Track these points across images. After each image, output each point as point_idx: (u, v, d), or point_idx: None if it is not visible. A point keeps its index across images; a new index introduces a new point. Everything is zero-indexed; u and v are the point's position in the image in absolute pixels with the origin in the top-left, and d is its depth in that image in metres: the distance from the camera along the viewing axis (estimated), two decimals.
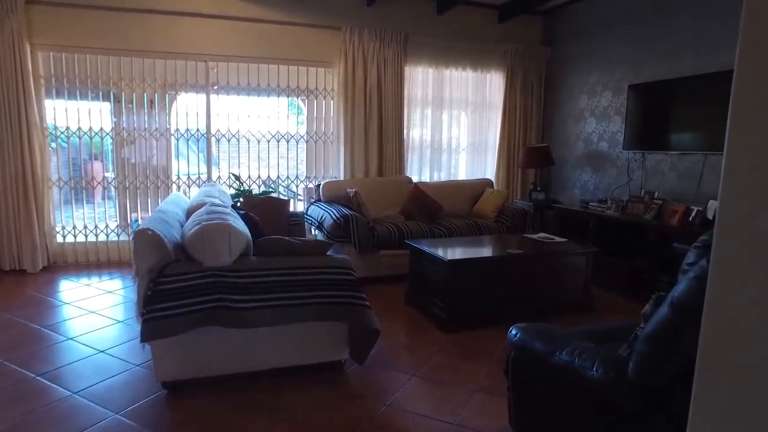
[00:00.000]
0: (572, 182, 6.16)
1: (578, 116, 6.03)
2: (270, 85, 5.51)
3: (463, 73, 6.17)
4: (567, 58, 6.15)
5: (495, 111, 6.41)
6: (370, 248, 4.73)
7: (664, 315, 1.54)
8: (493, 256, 3.96)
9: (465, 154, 6.45)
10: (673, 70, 4.85)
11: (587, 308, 4.23)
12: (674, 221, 4.32)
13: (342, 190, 5.21)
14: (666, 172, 4.99)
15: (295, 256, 2.75)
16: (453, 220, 5.30)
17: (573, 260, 4.14)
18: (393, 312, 4.14)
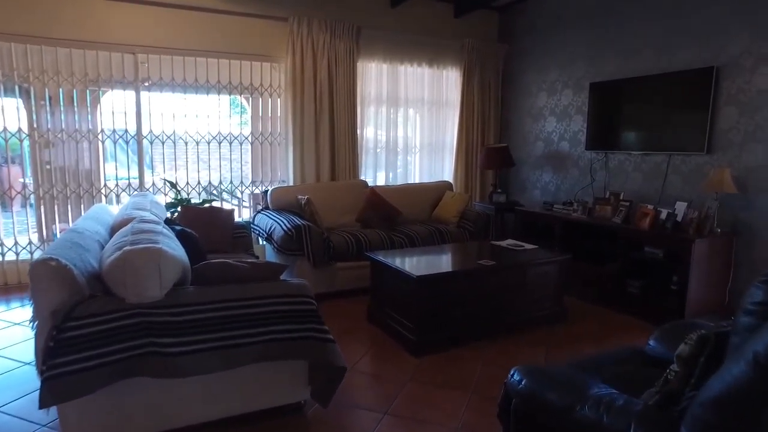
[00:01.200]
0: (532, 183, 5.94)
1: (538, 115, 5.80)
2: (209, 82, 4.94)
3: (419, 69, 5.81)
4: (525, 54, 5.92)
5: (452, 109, 6.11)
6: (325, 261, 4.28)
7: (741, 375, 1.20)
8: (464, 269, 3.60)
9: (421, 154, 6.11)
10: (635, 69, 4.68)
11: (560, 319, 3.96)
12: (645, 224, 4.13)
13: (292, 196, 4.72)
14: (630, 172, 4.83)
15: (243, 284, 2.27)
16: (413, 227, 4.93)
17: (546, 269, 3.86)
18: (355, 333, 3.71)
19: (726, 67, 4.06)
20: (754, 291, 1.36)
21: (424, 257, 3.95)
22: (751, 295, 1.37)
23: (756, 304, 1.34)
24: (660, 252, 4.01)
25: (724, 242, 3.96)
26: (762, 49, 3.85)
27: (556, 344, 3.54)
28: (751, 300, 1.35)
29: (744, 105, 3.97)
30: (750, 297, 1.36)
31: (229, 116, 5.33)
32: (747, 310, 1.36)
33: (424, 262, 3.82)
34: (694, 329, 2.31)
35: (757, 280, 1.37)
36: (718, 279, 4.00)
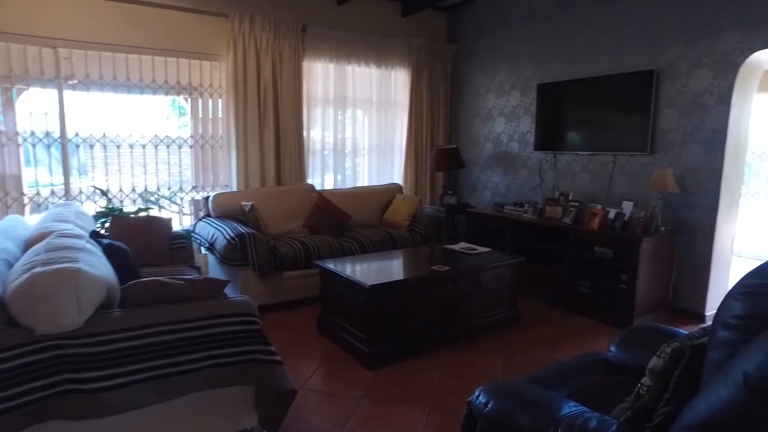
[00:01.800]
0: (482, 184, 5.90)
1: (487, 116, 5.77)
2: (143, 81, 4.56)
3: (367, 69, 5.65)
4: (473, 55, 5.88)
5: (401, 110, 5.98)
6: (272, 270, 4.03)
7: (730, 398, 1.10)
8: (419, 276, 3.46)
9: (370, 157, 5.95)
10: (581, 71, 4.71)
11: (515, 322, 3.90)
12: (594, 224, 4.14)
13: (236, 203, 4.44)
14: (578, 172, 4.85)
15: (179, 305, 2.03)
16: (364, 232, 4.76)
17: (500, 272, 3.78)
18: (305, 346, 3.50)
19: (665, 71, 4.13)
20: (732, 303, 1.27)
21: (375, 264, 3.78)
22: (729, 307, 1.28)
23: (736, 318, 1.25)
24: (609, 252, 4.03)
25: (667, 240, 4.03)
26: (695, 54, 3.94)
27: (512, 350, 3.46)
28: (731, 313, 1.26)
29: (682, 107, 4.05)
30: (728, 310, 1.27)
31: (166, 118, 4.97)
32: (726, 323, 1.27)
33: (376, 270, 3.65)
34: (653, 334, 2.27)
35: (735, 292, 1.28)
36: (662, 276, 4.06)
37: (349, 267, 3.61)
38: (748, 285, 1.26)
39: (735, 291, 1.28)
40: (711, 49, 3.87)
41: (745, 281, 1.27)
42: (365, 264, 3.76)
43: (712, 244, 3.95)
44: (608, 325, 3.92)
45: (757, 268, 1.29)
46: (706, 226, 3.97)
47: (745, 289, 1.26)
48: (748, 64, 3.76)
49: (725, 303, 1.30)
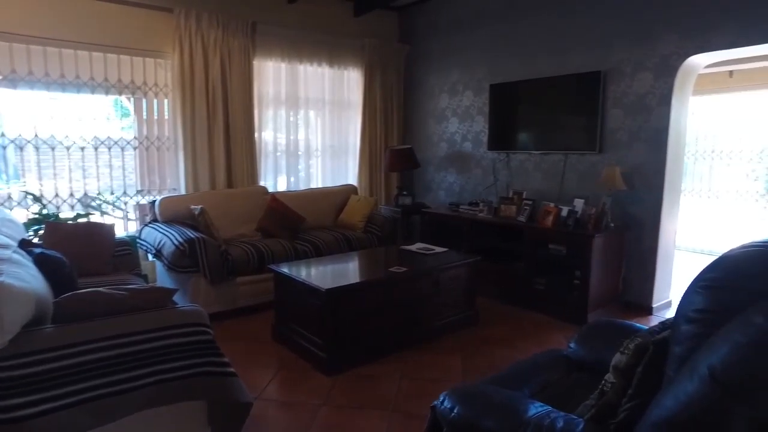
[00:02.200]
0: (437, 184, 5.90)
1: (440, 116, 5.77)
2: (80, 78, 4.26)
3: (319, 69, 5.53)
4: (426, 56, 5.87)
5: (354, 110, 5.90)
6: (224, 276, 3.86)
7: (696, 393, 1.08)
8: (376, 278, 3.39)
9: (324, 158, 5.83)
10: (532, 71, 4.77)
11: (473, 322, 3.89)
12: (548, 222, 4.19)
13: (184, 207, 4.23)
14: (531, 171, 4.92)
15: (120, 317, 1.87)
16: (319, 234, 4.65)
17: (457, 272, 3.76)
18: (260, 354, 3.35)
19: (611, 73, 4.23)
20: (693, 297, 1.26)
21: (331, 267, 3.68)
22: (690, 302, 1.27)
23: (697, 312, 1.24)
24: (563, 249, 4.09)
25: (617, 236, 4.12)
26: (638, 57, 4.06)
27: (472, 350, 3.44)
28: (692, 307, 1.25)
29: (627, 107, 4.17)
30: (690, 304, 1.26)
31: (107, 119, 4.69)
32: (688, 317, 1.25)
33: (332, 273, 3.55)
34: (612, 329, 2.29)
35: (696, 286, 1.27)
36: (613, 271, 4.16)
37: (304, 270, 3.49)
38: (707, 279, 1.25)
39: (695, 285, 1.27)
40: (652, 52, 3.99)
41: (705, 275, 1.26)
42: (321, 267, 3.65)
43: (658, 238, 4.08)
44: (564, 321, 3.97)
45: (715, 262, 1.28)
46: (652, 221, 4.09)
47: (705, 282, 1.25)
48: (685, 68, 3.90)
49: (686, 297, 1.29)
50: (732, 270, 1.24)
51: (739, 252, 1.27)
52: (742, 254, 1.28)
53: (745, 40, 3.54)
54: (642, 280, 4.19)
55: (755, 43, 3.51)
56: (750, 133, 6.44)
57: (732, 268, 1.26)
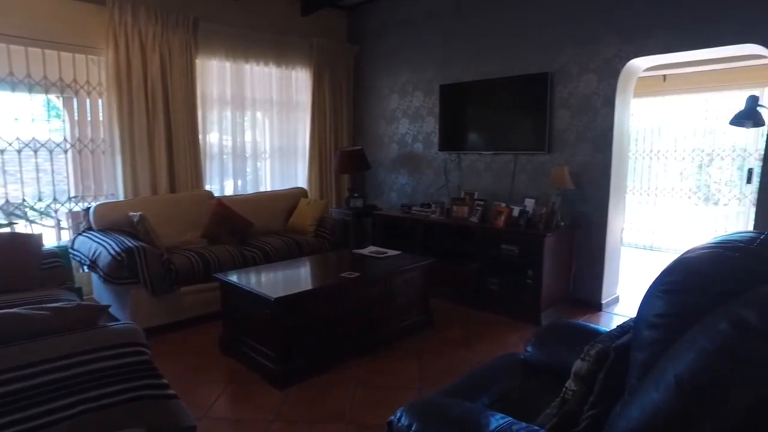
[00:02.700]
0: (388, 186, 5.83)
1: (391, 117, 5.71)
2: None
3: (266, 68, 5.34)
4: (376, 56, 5.79)
5: (303, 111, 5.74)
6: (167, 287, 3.63)
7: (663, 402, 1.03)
8: (328, 284, 3.26)
9: (272, 160, 5.64)
10: (482, 72, 4.78)
11: (428, 325, 3.83)
12: (500, 222, 4.19)
13: (122, 213, 3.95)
14: (482, 172, 4.92)
15: (42, 340, 1.67)
16: (268, 239, 4.47)
17: (411, 275, 3.69)
18: (208, 369, 3.16)
19: (558, 74, 4.29)
20: (654, 302, 1.23)
21: (281, 274, 3.53)
22: (652, 306, 1.23)
23: (659, 317, 1.20)
24: (516, 248, 4.10)
25: (567, 235, 4.18)
26: (583, 59, 4.13)
27: (428, 355, 3.38)
28: (654, 312, 1.21)
29: (574, 108, 4.23)
30: (651, 308, 1.23)
31: (32, 120, 4.32)
32: (650, 323, 1.22)
33: (282, 280, 3.40)
34: (568, 331, 2.27)
35: (657, 290, 1.23)
36: (563, 269, 4.21)
37: (252, 278, 3.33)
38: (668, 282, 1.22)
39: (655, 289, 1.24)
40: (596, 55, 4.07)
41: (664, 279, 1.23)
42: (270, 274, 3.50)
43: (605, 236, 4.16)
44: (518, 321, 3.98)
45: (673, 265, 1.25)
46: (600, 219, 4.17)
47: (665, 286, 1.22)
48: (627, 71, 4.00)
49: (647, 302, 1.25)
50: (691, 272, 1.21)
51: (696, 254, 1.25)
52: (699, 256, 1.26)
53: (679, 45, 3.66)
54: (591, 277, 4.26)
55: (688, 48, 3.64)
56: (681, 134, 6.75)
57: (690, 270, 1.23)
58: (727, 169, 6.57)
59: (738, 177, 6.51)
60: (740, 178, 6.49)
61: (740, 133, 6.33)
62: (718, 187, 6.84)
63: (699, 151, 6.66)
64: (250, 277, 3.37)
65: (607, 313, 4.21)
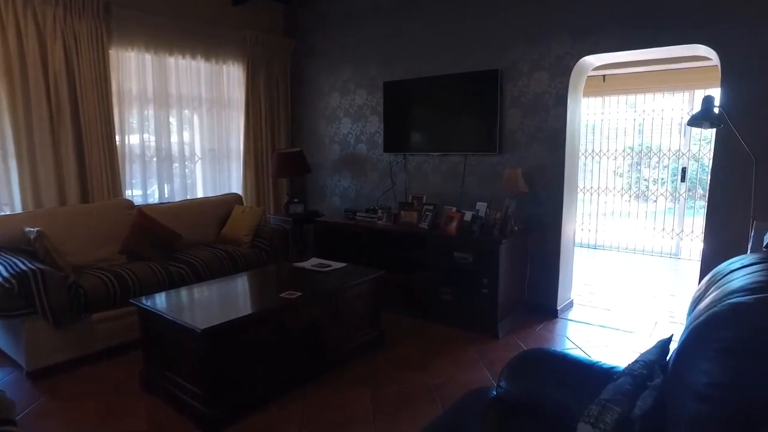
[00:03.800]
0: (330, 190, 5.42)
1: (331, 116, 5.29)
2: None
3: (194, 62, 4.78)
4: (315, 51, 5.34)
5: (236, 110, 5.22)
6: (73, 315, 3.05)
7: None
8: (266, 308, 2.80)
9: (204, 164, 5.08)
10: (429, 68, 4.46)
11: (380, 343, 3.47)
12: (452, 228, 3.89)
13: (16, 229, 3.31)
14: (430, 174, 4.62)
15: None
16: (198, 253, 3.96)
17: (360, 290, 3.32)
18: (124, 411, 2.64)
19: (508, 71, 4.05)
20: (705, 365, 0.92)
21: (211, 296, 3.04)
22: (700, 370, 0.92)
23: (714, 387, 0.89)
24: (469, 256, 3.82)
25: (522, 239, 3.95)
26: (534, 56, 3.92)
27: (381, 379, 3.02)
28: (705, 379, 0.90)
29: (525, 107, 4.01)
30: (700, 374, 0.91)
31: None
32: (699, 393, 0.90)
33: (212, 304, 2.92)
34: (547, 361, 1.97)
35: (707, 347, 0.92)
36: (519, 276, 3.98)
37: (177, 302, 2.84)
38: (725, 339, 0.90)
39: (706, 346, 0.92)
40: (547, 52, 3.86)
41: (719, 333, 0.92)
42: (198, 296, 3.00)
43: (560, 238, 3.97)
44: (475, 333, 3.69)
45: (730, 313, 0.94)
46: (554, 222, 3.97)
47: (721, 344, 0.90)
48: (578, 68, 3.82)
49: (691, 362, 0.94)
50: (758, 328, 0.90)
51: (754, 300, 0.94)
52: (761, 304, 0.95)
53: (631, 43, 3.51)
54: (546, 282, 4.06)
55: (639, 47, 3.49)
56: (616, 133, 6.81)
57: (756, 325, 0.91)
58: (655, 167, 6.73)
59: (667, 175, 6.66)
60: (671, 176, 6.62)
61: (670, 133, 6.47)
62: (647, 185, 6.97)
63: (630, 150, 6.75)
64: (174, 300, 2.87)
65: (563, 320, 4.02)
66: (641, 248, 6.56)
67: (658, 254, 6.42)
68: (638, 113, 6.55)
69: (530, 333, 3.74)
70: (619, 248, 6.71)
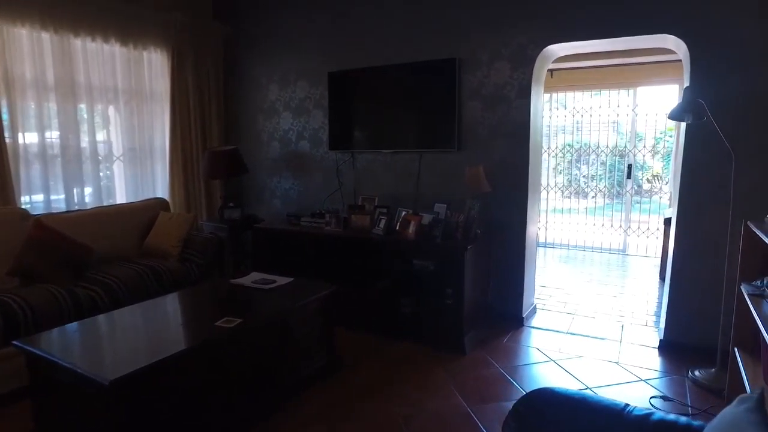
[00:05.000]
0: (270, 192, 4.83)
1: (270, 110, 4.71)
2: None
3: (107, 46, 4.04)
4: (251, 38, 4.73)
5: (161, 103, 4.51)
6: None
7: None
8: (196, 345, 2.21)
9: (123, 164, 4.35)
10: (378, 57, 4.00)
11: (337, 367, 2.97)
12: (410, 233, 3.45)
13: None
14: (381, 173, 4.16)
15: None
16: (114, 270, 3.28)
17: (312, 308, 2.80)
18: None
19: (467, 61, 3.67)
20: None
21: (128, 328, 2.42)
22: None
23: None
24: (431, 264, 3.40)
25: (485, 243, 3.58)
26: (495, 45, 3.57)
27: (339, 411, 2.53)
28: None
29: (486, 99, 3.65)
30: None
31: None
32: None
33: (128, 341, 2.31)
34: (565, 409, 1.57)
35: None
36: (482, 283, 3.61)
37: (79, 341, 2.21)
38: None
39: None
40: (509, 40, 3.52)
41: None
42: (110, 329, 2.38)
43: (525, 240, 3.64)
44: (439, 349, 3.27)
45: None
46: (518, 223, 3.64)
47: None
48: (542, 58, 3.52)
49: None
50: None
51: None
52: None
53: (597, 32, 3.24)
54: (511, 288, 3.72)
55: (606, 36, 3.23)
56: (555, 130, 6.71)
57: None
58: (593, 164, 6.71)
59: (605, 172, 6.67)
60: (608, 173, 6.63)
61: (608, 131, 6.45)
62: (586, 182, 6.93)
63: (570, 147, 6.69)
64: (75, 337, 2.24)
65: (529, 328, 3.70)
66: (590, 245, 6.46)
67: (607, 251, 6.33)
68: (577, 111, 6.43)
69: (498, 346, 3.38)
70: (569, 246, 6.58)
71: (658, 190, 6.71)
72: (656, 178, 7.20)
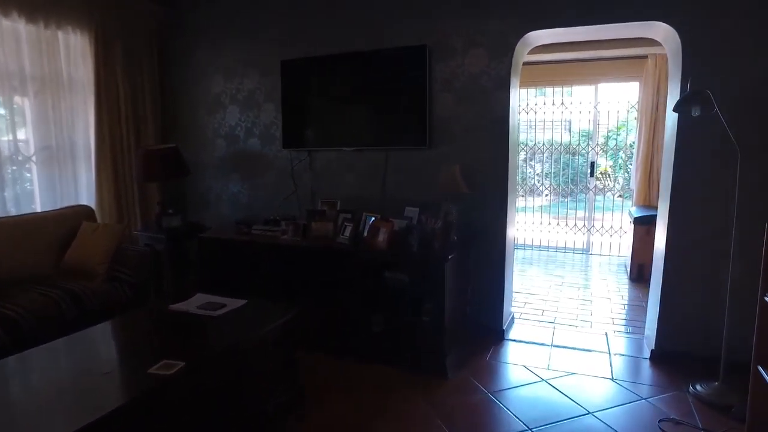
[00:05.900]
0: (216, 195, 4.26)
1: (214, 104, 4.13)
2: None
3: (8, 22, 3.35)
4: (191, 22, 4.12)
5: (83, 94, 3.84)
6: None
7: None
8: (126, 402, 1.67)
9: (36, 166, 3.65)
10: (338, 43, 3.54)
11: (298, 405, 2.49)
12: (381, 242, 3.02)
13: None
14: (342, 174, 3.71)
15: None
16: (20, 295, 2.65)
17: (269, 337, 2.31)
18: None
19: (438, 48, 3.28)
20: None
21: (28, 384, 1.84)
22: None
23: None
24: (405, 275, 2.99)
25: (464, 250, 3.19)
26: (470, 31, 3.20)
27: None
28: None
29: (460, 91, 3.28)
30: None
31: None
32: None
33: (25, 404, 1.72)
34: None
35: None
36: (461, 295, 3.22)
37: None
38: None
39: None
40: (485, 26, 3.16)
41: None
42: (6, 384, 1.79)
43: (504, 246, 3.30)
44: (418, 374, 2.85)
45: None
46: (497, 228, 3.29)
47: None
48: (521, 46, 3.19)
49: None
50: None
51: None
52: None
53: (582, 18, 2.94)
54: (490, 299, 3.37)
55: (592, 22, 2.94)
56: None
57: None
58: (547, 161, 6.59)
59: (554, 170, 6.56)
60: (558, 170, 6.52)
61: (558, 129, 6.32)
62: (540, 180, 6.79)
63: (524, 145, 6.52)
64: None
65: (511, 341, 3.36)
66: (554, 245, 6.28)
67: (571, 251, 6.16)
68: (531, 108, 6.24)
69: (481, 365, 3.01)
70: (532, 246, 6.37)
71: (611, 187, 6.64)
72: (604, 176, 7.15)
